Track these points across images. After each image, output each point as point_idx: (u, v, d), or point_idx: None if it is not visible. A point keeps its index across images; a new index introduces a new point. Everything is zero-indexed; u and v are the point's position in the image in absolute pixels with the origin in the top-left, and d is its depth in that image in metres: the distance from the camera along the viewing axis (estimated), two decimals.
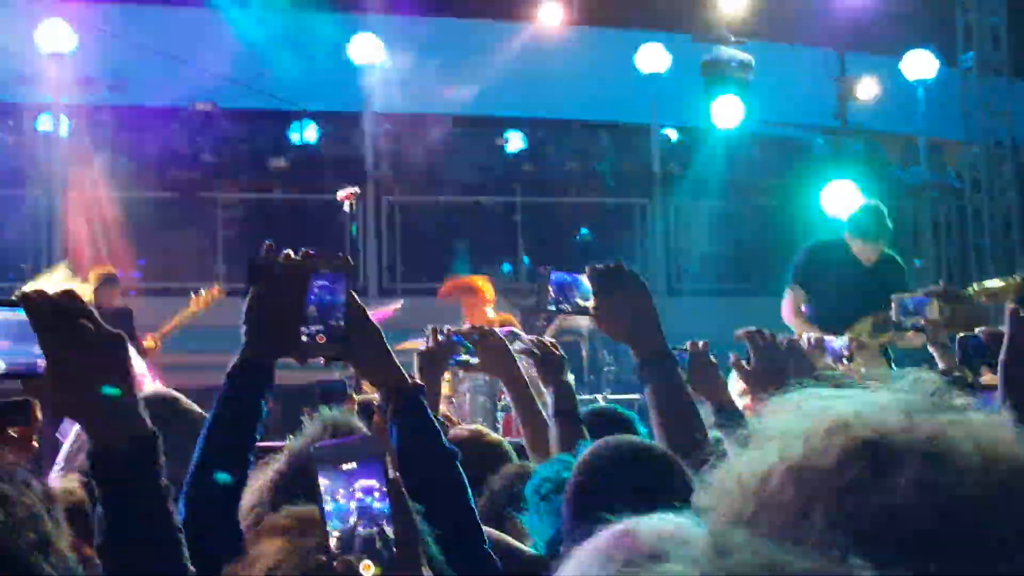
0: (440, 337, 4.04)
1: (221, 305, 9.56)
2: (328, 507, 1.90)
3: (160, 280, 13.76)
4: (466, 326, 4.53)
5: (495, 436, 4.73)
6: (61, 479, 3.40)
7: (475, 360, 4.07)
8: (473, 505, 2.61)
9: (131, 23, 13.86)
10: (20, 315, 1.89)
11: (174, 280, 13.72)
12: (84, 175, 13.88)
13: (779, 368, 3.73)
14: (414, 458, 2.52)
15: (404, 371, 2.64)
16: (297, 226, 14.23)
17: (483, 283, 10.00)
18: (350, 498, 1.91)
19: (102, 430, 1.84)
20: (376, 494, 1.92)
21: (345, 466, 1.92)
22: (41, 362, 1.85)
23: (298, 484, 2.31)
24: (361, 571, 1.86)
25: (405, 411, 2.58)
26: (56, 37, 13.44)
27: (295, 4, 14.80)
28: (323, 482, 1.91)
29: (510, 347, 4.07)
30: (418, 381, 2.72)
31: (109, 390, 1.84)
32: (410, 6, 14.65)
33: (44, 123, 14.62)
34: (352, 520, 1.91)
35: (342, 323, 2.51)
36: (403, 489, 1.93)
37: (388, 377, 2.60)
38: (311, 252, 2.54)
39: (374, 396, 3.42)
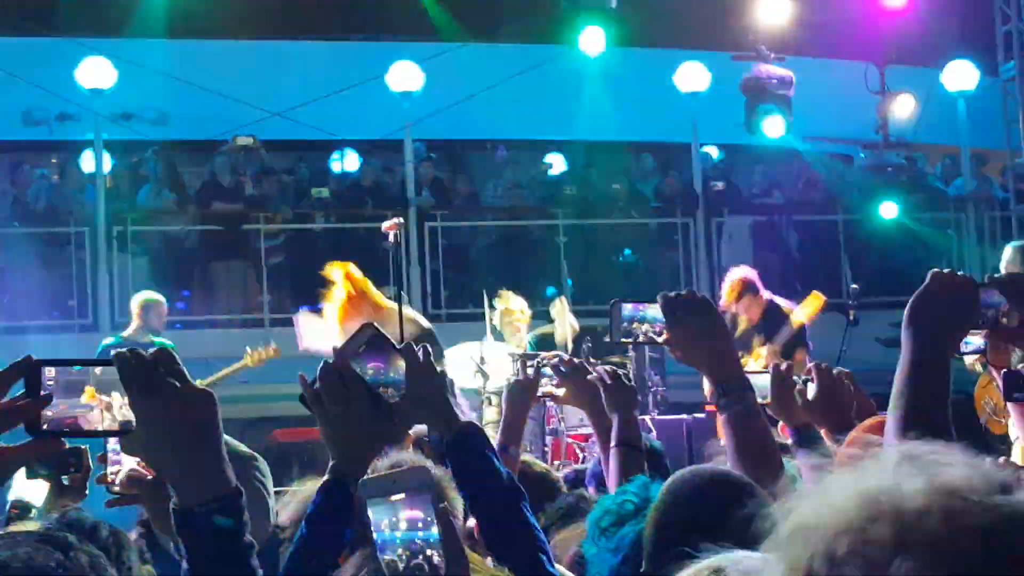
0: (530, 369, 4.06)
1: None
2: (378, 538, 1.93)
3: (205, 312, 13.83)
4: (553, 358, 4.52)
5: (542, 466, 4.78)
6: None
7: (561, 392, 4.10)
8: (540, 543, 2.60)
9: (170, 58, 13.99)
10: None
11: (219, 312, 13.80)
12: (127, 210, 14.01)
13: (839, 405, 3.73)
14: (472, 498, 2.61)
15: (457, 410, 2.65)
16: (341, 255, 14.24)
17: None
18: (398, 528, 1.94)
19: (187, 487, 1.87)
20: (421, 524, 1.95)
21: (394, 497, 1.96)
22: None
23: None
24: None
25: (456, 448, 2.60)
26: (97, 74, 13.55)
27: (330, 33, 14.93)
28: (372, 514, 1.94)
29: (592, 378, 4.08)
30: (471, 420, 2.72)
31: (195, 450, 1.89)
32: (448, 32, 14.73)
33: (87, 160, 14.76)
34: (400, 551, 1.94)
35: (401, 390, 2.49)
36: (451, 518, 1.95)
37: (441, 420, 2.63)
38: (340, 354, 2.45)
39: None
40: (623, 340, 3.12)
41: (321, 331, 7.45)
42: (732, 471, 2.79)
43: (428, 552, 1.93)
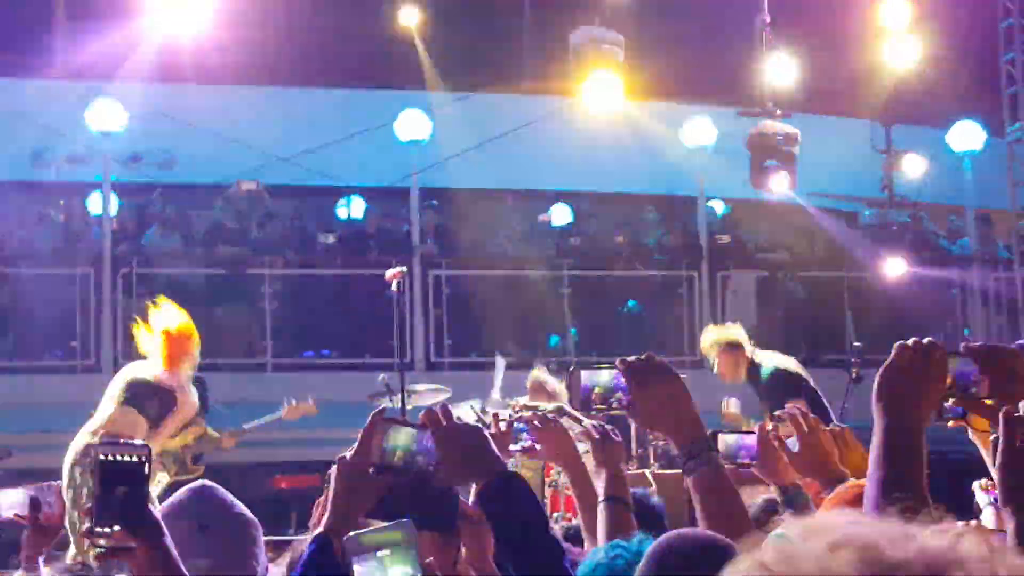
0: (502, 424, 4.03)
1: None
2: None
3: (208, 356, 13.78)
4: (525, 412, 4.49)
5: None
6: None
7: (538, 447, 4.05)
8: None
9: (179, 101, 14.07)
10: None
11: (221, 356, 13.77)
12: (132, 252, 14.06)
13: (822, 456, 3.72)
14: (507, 551, 2.54)
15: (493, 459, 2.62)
16: (344, 301, 14.30)
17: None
18: None
19: None
20: None
21: (380, 553, 1.99)
22: None
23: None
24: None
25: (490, 497, 2.57)
26: (106, 116, 13.64)
27: (339, 81, 15.03)
28: (358, 570, 1.98)
29: (569, 432, 4.05)
30: (512, 468, 2.69)
31: None
32: (456, 81, 14.81)
33: (94, 201, 14.82)
34: None
35: (430, 465, 2.49)
36: (437, 573, 1.97)
37: (480, 471, 2.60)
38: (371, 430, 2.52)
39: None
40: (588, 410, 3.11)
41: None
42: (717, 535, 2.78)
43: None
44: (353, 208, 15.65)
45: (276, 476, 11.38)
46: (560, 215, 16.26)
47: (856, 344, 11.32)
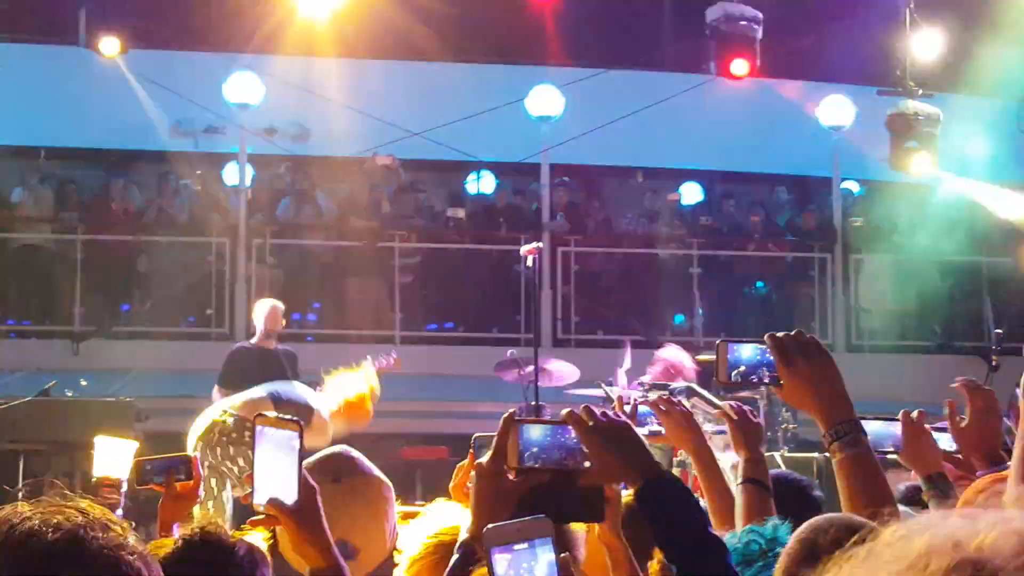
0: (627, 408, 4.00)
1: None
2: None
3: (337, 327, 13.98)
4: (652, 395, 4.43)
5: None
6: None
7: (663, 431, 4.01)
8: None
9: (314, 75, 14.24)
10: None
11: (350, 327, 13.93)
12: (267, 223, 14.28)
13: (994, 431, 3.61)
14: (667, 552, 2.50)
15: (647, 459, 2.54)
16: (472, 276, 14.36)
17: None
18: None
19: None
20: (547, 573, 1.98)
21: (517, 547, 1.99)
22: None
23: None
24: None
25: (646, 499, 2.51)
26: (244, 88, 13.87)
27: (474, 56, 15.05)
28: (496, 563, 1.98)
29: (691, 409, 4.00)
30: (665, 469, 2.62)
31: None
32: (590, 58, 14.74)
33: (230, 172, 15.09)
34: None
35: (566, 461, 2.47)
36: (572, 569, 2.01)
37: (629, 474, 2.53)
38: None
39: None
40: (730, 382, 3.03)
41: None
42: (868, 523, 2.69)
43: None
44: (483, 183, 15.69)
45: (403, 447, 11.48)
46: (691, 194, 16.11)
47: (997, 331, 11.02)
